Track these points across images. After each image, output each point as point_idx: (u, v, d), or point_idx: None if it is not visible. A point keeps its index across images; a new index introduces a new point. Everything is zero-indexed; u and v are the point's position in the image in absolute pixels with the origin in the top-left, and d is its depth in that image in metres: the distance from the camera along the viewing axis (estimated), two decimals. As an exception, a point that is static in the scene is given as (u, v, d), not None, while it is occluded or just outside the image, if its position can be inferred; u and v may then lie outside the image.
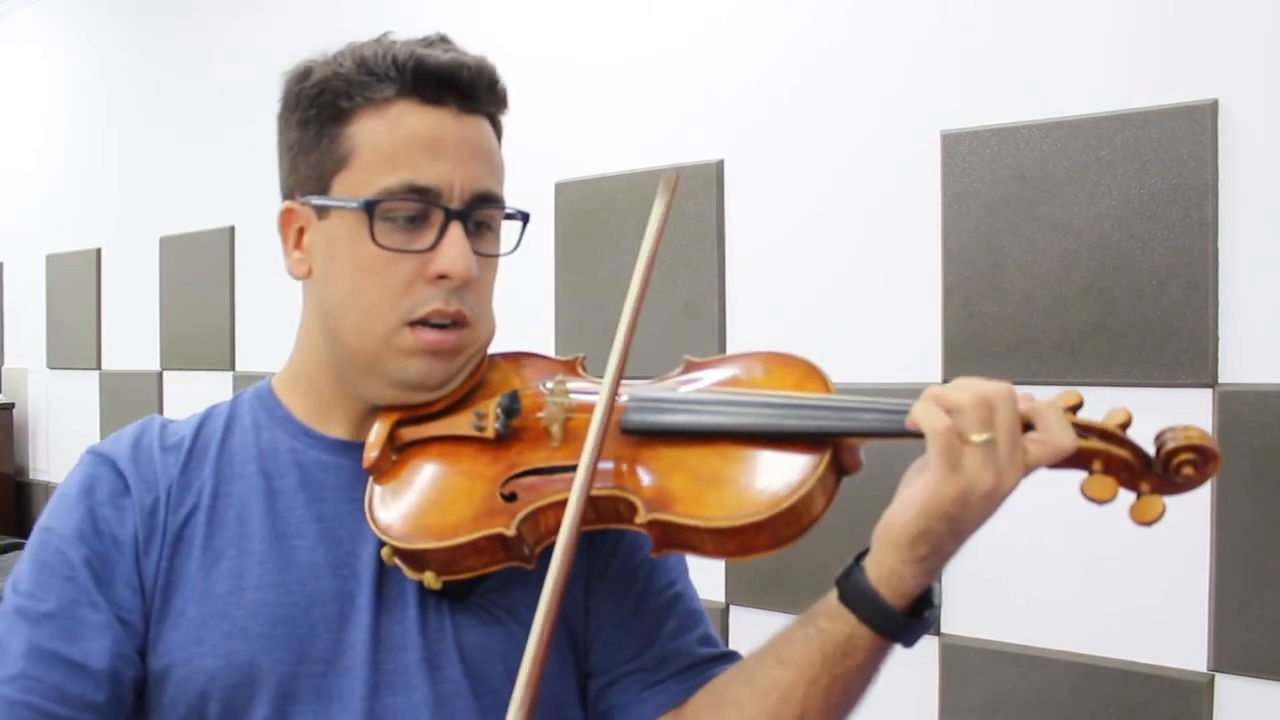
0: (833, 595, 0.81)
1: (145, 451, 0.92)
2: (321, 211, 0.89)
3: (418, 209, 0.86)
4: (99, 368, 3.66)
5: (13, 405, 4.12)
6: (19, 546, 3.83)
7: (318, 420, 0.95)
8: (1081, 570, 1.64)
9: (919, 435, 0.77)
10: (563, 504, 0.79)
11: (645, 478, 0.84)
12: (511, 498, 0.85)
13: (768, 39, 2.01)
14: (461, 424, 0.91)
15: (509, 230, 0.95)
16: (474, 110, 0.90)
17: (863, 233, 1.89)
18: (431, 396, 0.91)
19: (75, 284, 3.74)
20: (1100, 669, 1.62)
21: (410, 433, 0.91)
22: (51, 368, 3.91)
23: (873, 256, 1.87)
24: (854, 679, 0.81)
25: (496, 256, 0.93)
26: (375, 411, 0.92)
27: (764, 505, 0.78)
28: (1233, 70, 1.52)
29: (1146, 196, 1.58)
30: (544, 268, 2.30)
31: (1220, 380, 1.53)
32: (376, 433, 0.90)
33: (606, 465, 0.84)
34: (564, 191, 2.28)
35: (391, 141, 0.86)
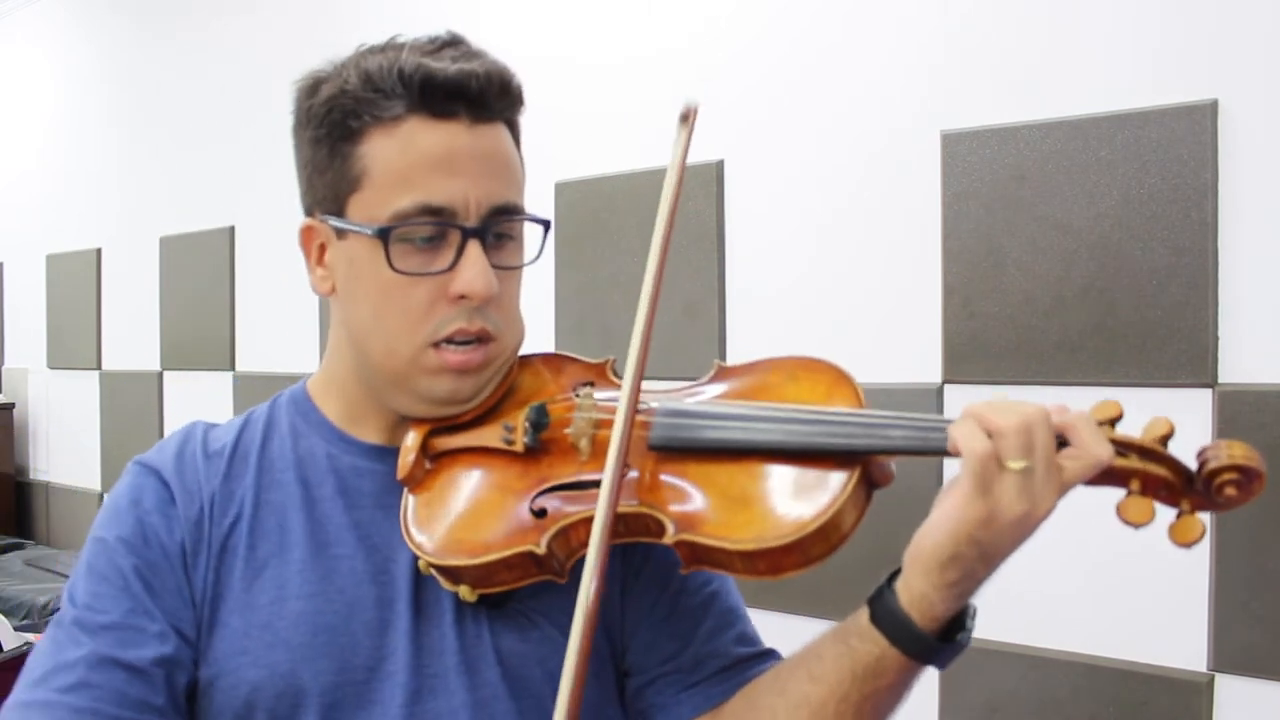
0: (864, 615, 0.80)
1: (189, 461, 0.93)
2: (340, 232, 0.89)
3: (434, 230, 0.85)
4: (99, 368, 3.66)
5: (13, 405, 4.12)
6: (19, 546, 3.83)
7: (352, 425, 0.95)
8: (1081, 570, 1.64)
9: (951, 454, 0.75)
10: (591, 520, 0.79)
11: (673, 495, 0.83)
12: (541, 514, 0.85)
13: (767, 39, 2.01)
14: (491, 436, 0.91)
15: (533, 232, 0.93)
16: (487, 119, 0.88)
17: (863, 233, 1.89)
18: (461, 409, 0.91)
19: (75, 284, 3.74)
20: (1100, 669, 1.62)
21: (443, 442, 0.91)
22: (52, 368, 3.91)
23: (873, 256, 1.87)
24: (884, 697, 0.80)
25: (519, 268, 0.92)
26: (407, 419, 0.92)
27: (792, 528, 0.78)
28: (1233, 70, 1.52)
29: (1146, 196, 1.58)
30: (544, 268, 2.29)
31: (1220, 380, 1.53)
32: (410, 442, 0.90)
33: (634, 478, 0.84)
34: (564, 191, 2.28)
35: (403, 161, 0.85)
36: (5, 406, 4.10)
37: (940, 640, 0.77)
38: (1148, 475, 0.73)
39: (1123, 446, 0.74)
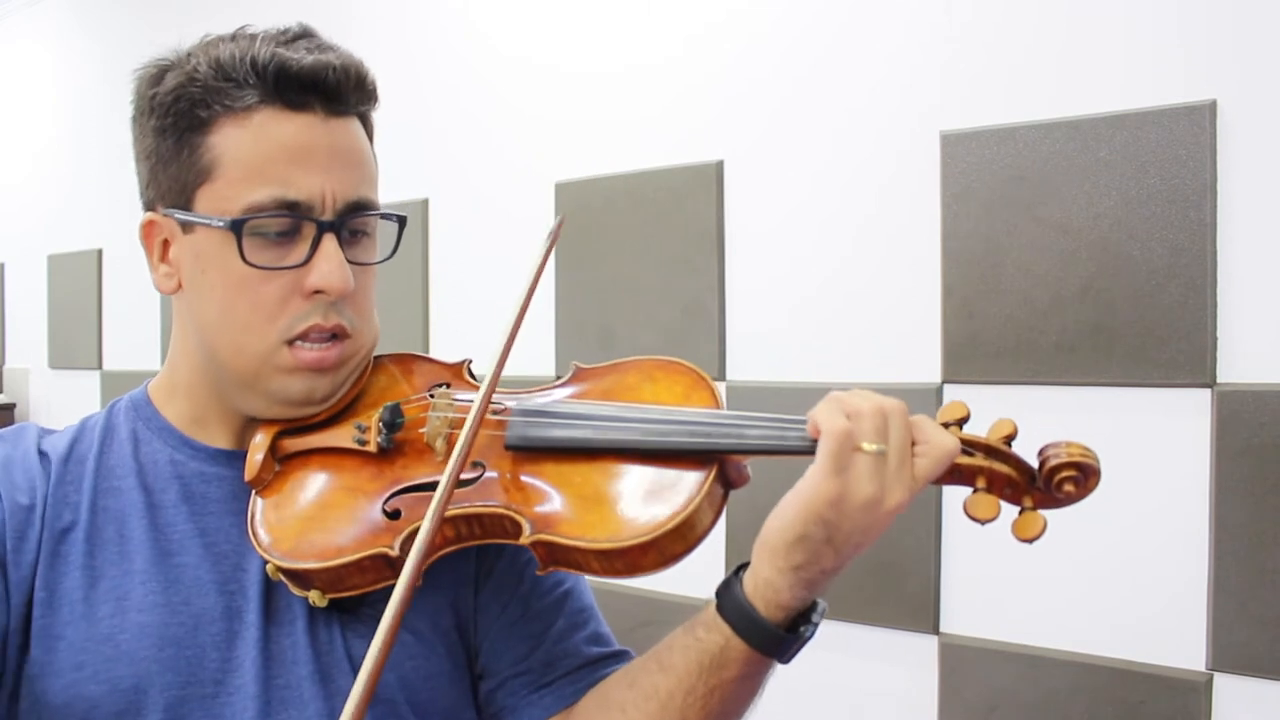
0: (712, 605, 0.80)
1: (20, 459, 0.89)
2: (187, 225, 0.86)
3: (288, 224, 0.83)
4: (100, 368, 3.66)
5: (14, 405, 4.12)
6: (20, 546, 3.83)
7: (198, 430, 0.92)
8: (1081, 570, 1.64)
9: (804, 453, 0.77)
10: (447, 520, 0.78)
11: (530, 495, 0.83)
12: (394, 515, 0.84)
13: (768, 40, 2.01)
14: (343, 436, 0.89)
15: (386, 235, 0.92)
16: (342, 112, 0.86)
17: (863, 233, 1.89)
18: (316, 410, 0.89)
19: (77, 284, 3.75)
20: (1099, 668, 1.62)
21: (293, 443, 0.89)
22: (53, 368, 3.92)
23: (872, 256, 1.88)
24: (731, 691, 0.80)
25: (374, 264, 0.91)
26: (256, 421, 0.90)
27: (648, 527, 0.78)
28: (1232, 70, 1.52)
29: (1145, 197, 1.58)
30: (544, 268, 2.29)
31: (1219, 380, 1.53)
32: (258, 444, 0.88)
33: (491, 478, 0.84)
34: (564, 191, 2.28)
35: (257, 153, 0.82)
36: (6, 406, 4.10)
37: (784, 631, 0.77)
38: (993, 473, 0.76)
39: (970, 445, 0.76)
